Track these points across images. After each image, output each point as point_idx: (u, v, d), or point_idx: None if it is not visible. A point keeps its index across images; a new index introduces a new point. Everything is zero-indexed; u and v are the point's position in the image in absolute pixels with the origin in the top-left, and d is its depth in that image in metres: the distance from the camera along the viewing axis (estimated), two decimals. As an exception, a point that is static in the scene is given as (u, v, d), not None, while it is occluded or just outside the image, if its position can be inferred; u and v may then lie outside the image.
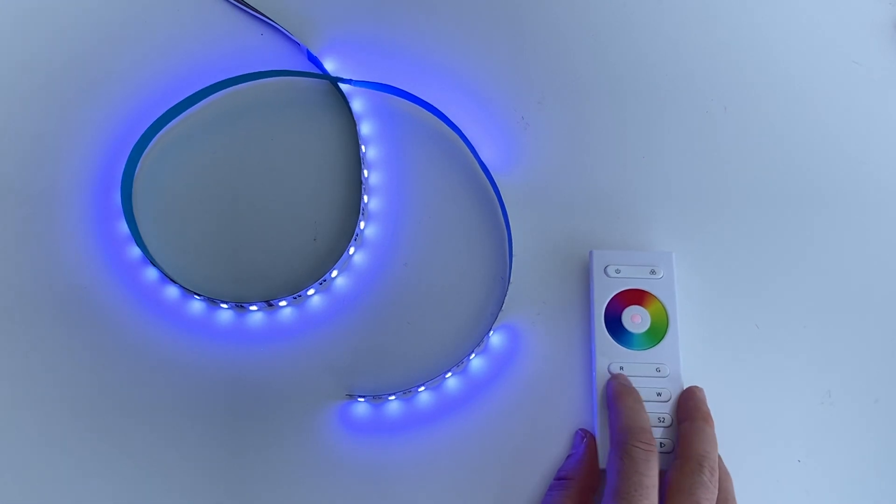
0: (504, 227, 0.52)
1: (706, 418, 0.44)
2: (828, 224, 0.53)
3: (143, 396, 0.49)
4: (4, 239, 0.52)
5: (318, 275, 0.51)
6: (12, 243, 0.52)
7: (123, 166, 0.52)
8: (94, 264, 0.51)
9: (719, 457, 0.44)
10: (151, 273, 0.51)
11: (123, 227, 0.51)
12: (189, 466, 0.47)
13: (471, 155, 0.54)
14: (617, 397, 0.45)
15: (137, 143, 0.52)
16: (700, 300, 0.50)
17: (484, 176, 0.53)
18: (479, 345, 0.49)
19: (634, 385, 0.47)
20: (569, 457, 0.46)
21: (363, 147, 0.53)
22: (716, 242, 0.52)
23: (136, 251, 0.51)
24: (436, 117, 0.54)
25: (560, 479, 0.45)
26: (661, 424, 0.46)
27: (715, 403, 0.46)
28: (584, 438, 0.46)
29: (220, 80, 0.54)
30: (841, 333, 0.50)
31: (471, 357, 0.49)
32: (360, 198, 0.52)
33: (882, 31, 0.58)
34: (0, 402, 0.49)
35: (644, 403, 0.45)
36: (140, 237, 0.52)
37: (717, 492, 0.41)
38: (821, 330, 0.50)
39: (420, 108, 0.55)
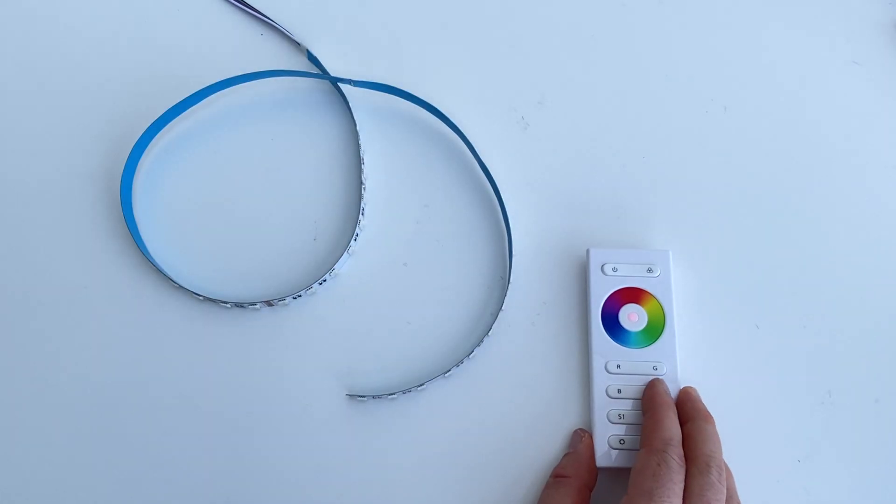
0: (504, 227, 0.52)
1: (706, 417, 0.45)
2: (827, 224, 0.53)
3: (145, 396, 0.49)
4: (5, 240, 0.52)
5: (318, 274, 0.51)
6: (13, 244, 0.52)
7: (123, 166, 0.52)
8: (94, 266, 0.51)
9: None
10: (152, 274, 0.51)
11: (124, 228, 0.51)
12: (190, 466, 0.47)
13: (471, 155, 0.54)
14: (661, 406, 0.45)
15: (137, 143, 0.52)
16: (698, 299, 0.50)
17: (484, 176, 0.53)
18: (479, 344, 0.49)
19: (632, 384, 0.47)
20: (566, 455, 0.46)
21: (363, 147, 0.53)
22: (714, 242, 0.52)
23: (136, 252, 0.51)
24: (435, 117, 0.55)
25: (558, 477, 0.45)
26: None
27: (715, 403, 0.46)
28: (583, 438, 0.46)
29: (220, 80, 0.54)
30: (841, 333, 0.50)
31: (471, 356, 0.49)
32: (359, 197, 0.52)
33: (882, 31, 0.58)
34: (2, 404, 0.49)
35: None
36: (140, 238, 0.52)
37: (725, 491, 0.41)
38: (821, 330, 0.50)
39: (420, 108, 0.55)
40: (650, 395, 0.46)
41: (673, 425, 0.44)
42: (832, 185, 0.54)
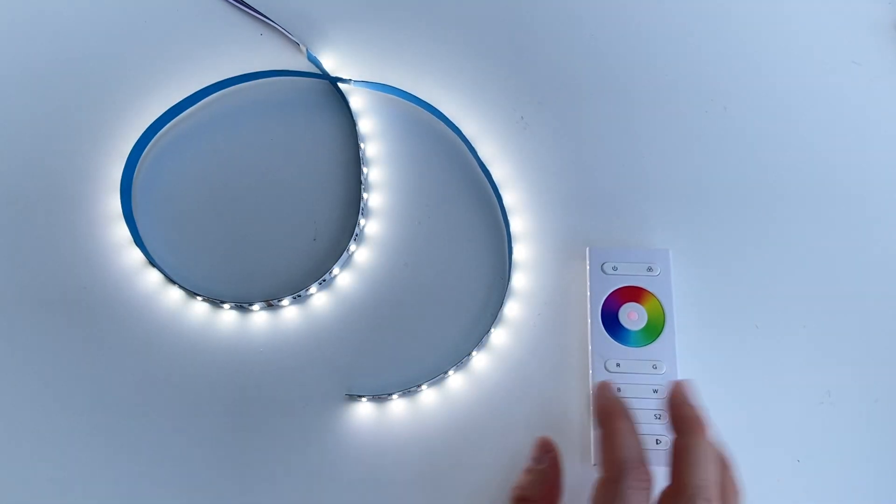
0: (504, 227, 0.52)
1: (697, 428, 0.39)
2: (827, 223, 0.53)
3: (146, 396, 0.49)
4: (5, 241, 0.52)
5: (318, 274, 0.51)
6: (13, 246, 0.52)
7: (123, 167, 0.52)
8: (95, 267, 0.51)
9: (728, 464, 0.40)
10: (153, 275, 0.51)
11: (124, 229, 0.51)
12: (191, 467, 0.47)
13: (466, 157, 0.54)
14: (608, 417, 0.40)
15: (137, 142, 0.52)
16: (698, 298, 0.50)
17: (484, 176, 0.53)
18: (479, 343, 0.49)
19: (631, 382, 0.47)
20: (530, 471, 0.42)
21: (362, 146, 0.53)
22: (714, 241, 0.52)
23: (136, 253, 0.51)
24: (435, 117, 0.55)
25: (520, 501, 0.41)
26: (658, 422, 0.46)
27: (714, 403, 0.46)
28: (549, 454, 0.42)
29: (220, 80, 0.54)
30: (841, 333, 0.50)
31: (471, 355, 0.49)
32: (359, 197, 0.52)
33: (882, 31, 0.58)
34: (3, 404, 0.49)
35: (636, 426, 0.40)
36: (140, 239, 0.52)
37: None
38: (821, 330, 0.50)
39: (419, 107, 0.55)
40: (600, 406, 0.42)
41: (627, 441, 0.39)
42: (832, 185, 0.54)
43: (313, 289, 0.50)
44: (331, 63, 0.56)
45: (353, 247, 0.51)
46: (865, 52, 0.57)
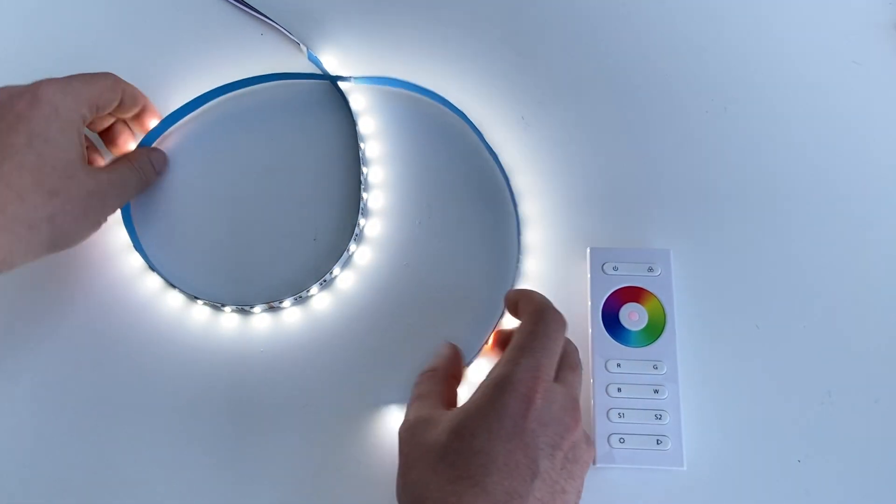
0: (513, 223, 0.52)
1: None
2: (828, 223, 0.53)
3: (148, 401, 0.49)
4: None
5: (318, 274, 0.51)
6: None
7: (123, 167, 0.52)
8: (93, 269, 0.51)
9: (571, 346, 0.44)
10: (153, 279, 0.51)
11: (123, 234, 0.51)
12: (192, 470, 0.47)
13: (471, 155, 0.54)
14: (516, 295, 0.45)
15: (138, 145, 0.52)
16: (698, 298, 0.50)
17: (486, 171, 0.53)
18: (480, 347, 0.49)
19: (631, 382, 0.47)
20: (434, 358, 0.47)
21: (362, 146, 0.53)
22: (715, 241, 0.52)
23: (136, 258, 0.51)
24: (438, 103, 0.55)
25: (426, 372, 0.46)
26: (658, 422, 0.46)
27: (715, 403, 0.46)
28: (449, 344, 0.48)
29: (220, 82, 0.54)
30: (841, 333, 0.50)
31: (472, 357, 0.49)
32: (359, 197, 0.52)
33: (882, 31, 0.58)
34: (2, 407, 0.49)
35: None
36: (140, 243, 0.51)
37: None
38: (821, 330, 0.50)
39: (420, 98, 0.55)
40: (509, 296, 0.46)
41: (544, 299, 0.43)
42: (832, 185, 0.54)
43: (314, 289, 0.50)
44: (332, 63, 0.56)
45: (353, 247, 0.51)
46: (865, 52, 0.57)
